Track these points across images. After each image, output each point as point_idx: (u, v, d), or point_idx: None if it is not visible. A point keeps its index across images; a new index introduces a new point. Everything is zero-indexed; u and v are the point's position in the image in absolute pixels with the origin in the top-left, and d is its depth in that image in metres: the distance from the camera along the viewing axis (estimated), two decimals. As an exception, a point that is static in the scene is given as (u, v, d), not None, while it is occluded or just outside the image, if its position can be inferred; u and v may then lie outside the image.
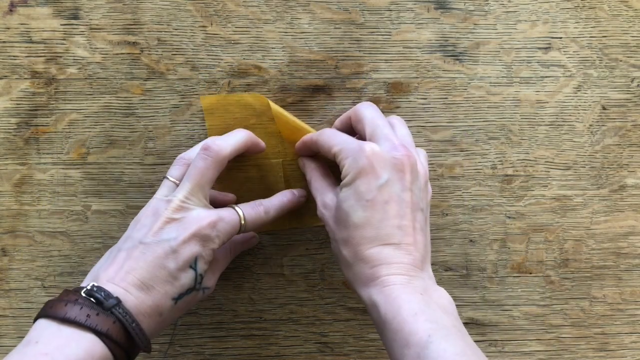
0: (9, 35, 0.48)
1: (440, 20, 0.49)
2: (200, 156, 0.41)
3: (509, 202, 0.49)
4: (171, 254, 0.39)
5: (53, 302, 0.37)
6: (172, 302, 0.39)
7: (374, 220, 0.39)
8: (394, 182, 0.40)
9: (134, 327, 0.37)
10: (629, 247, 0.50)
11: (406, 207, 0.40)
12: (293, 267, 0.49)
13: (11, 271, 0.49)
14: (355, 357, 0.50)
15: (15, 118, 0.48)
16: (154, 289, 0.39)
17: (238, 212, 0.42)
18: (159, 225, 0.40)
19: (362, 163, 0.40)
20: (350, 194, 0.40)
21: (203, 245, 0.40)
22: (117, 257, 0.39)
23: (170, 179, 0.42)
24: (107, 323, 0.36)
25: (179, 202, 0.40)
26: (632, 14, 0.49)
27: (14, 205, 0.48)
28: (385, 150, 0.40)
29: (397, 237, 0.39)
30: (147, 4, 0.48)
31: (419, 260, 0.39)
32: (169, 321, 0.41)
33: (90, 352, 0.35)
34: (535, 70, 0.49)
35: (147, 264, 0.39)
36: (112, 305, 0.37)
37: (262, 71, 0.48)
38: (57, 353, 0.35)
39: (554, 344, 0.50)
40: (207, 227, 0.40)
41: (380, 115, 0.43)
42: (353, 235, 0.40)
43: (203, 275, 0.41)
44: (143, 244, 0.39)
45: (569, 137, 0.49)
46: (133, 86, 0.48)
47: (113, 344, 0.36)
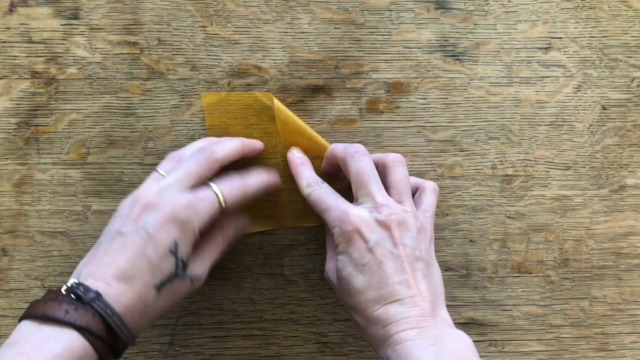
0: (9, 35, 0.48)
1: (440, 20, 0.49)
2: (195, 154, 0.42)
3: (509, 202, 0.49)
4: (149, 240, 0.38)
5: (36, 302, 0.37)
6: (155, 290, 0.39)
7: (373, 282, 0.40)
8: (383, 241, 0.40)
9: (115, 320, 0.36)
10: (629, 247, 0.50)
11: (402, 262, 0.40)
12: (293, 267, 0.49)
13: (11, 271, 0.49)
14: (355, 357, 0.50)
15: (15, 118, 0.48)
16: (135, 278, 0.38)
17: (215, 191, 0.41)
18: (136, 213, 0.39)
19: (349, 230, 0.40)
20: (345, 261, 0.41)
21: (182, 229, 0.39)
22: (97, 252, 0.39)
23: (160, 171, 0.42)
24: (86, 317, 0.36)
25: (160, 187, 0.40)
26: (632, 14, 0.49)
27: (14, 205, 0.48)
28: (368, 213, 0.41)
29: (400, 293, 0.39)
30: (147, 4, 0.48)
31: (428, 309, 0.39)
32: (154, 313, 0.40)
33: (69, 347, 0.35)
34: (535, 70, 0.49)
35: (127, 254, 0.38)
36: (90, 298, 0.36)
37: (262, 71, 0.48)
38: (34, 352, 0.34)
39: (554, 344, 0.50)
40: (182, 208, 0.39)
41: (365, 167, 0.42)
42: (359, 301, 0.40)
43: (185, 261, 0.40)
44: (121, 234, 0.39)
45: (569, 137, 0.49)
46: (133, 86, 0.48)
47: (94, 338, 0.36)
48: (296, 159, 0.46)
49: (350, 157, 0.43)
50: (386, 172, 0.43)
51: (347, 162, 0.43)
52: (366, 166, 0.42)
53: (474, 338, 0.40)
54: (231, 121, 0.47)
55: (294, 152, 0.46)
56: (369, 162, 0.43)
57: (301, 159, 0.46)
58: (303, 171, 0.45)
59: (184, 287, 0.41)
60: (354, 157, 0.43)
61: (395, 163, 0.44)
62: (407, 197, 0.42)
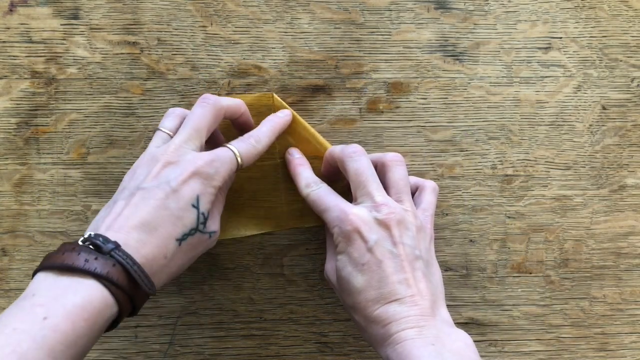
0: (9, 35, 0.48)
1: (440, 20, 0.49)
2: (198, 104, 0.42)
3: (509, 202, 0.49)
4: (172, 194, 0.38)
5: (51, 254, 0.36)
6: (177, 243, 0.39)
7: (373, 281, 0.40)
8: (383, 240, 0.40)
9: (136, 269, 0.36)
10: (629, 247, 0.50)
11: (402, 261, 0.40)
12: (293, 267, 0.49)
13: (11, 271, 0.49)
14: (355, 357, 0.50)
15: (15, 118, 0.48)
16: (157, 230, 0.38)
17: (232, 149, 0.42)
18: (157, 170, 0.39)
19: (348, 230, 0.40)
20: (345, 261, 0.41)
21: (204, 184, 0.40)
22: (114, 207, 0.39)
23: (164, 130, 0.42)
24: (106, 266, 0.35)
25: (176, 145, 0.40)
26: (632, 14, 0.49)
27: (14, 205, 0.48)
28: (368, 212, 0.41)
29: (400, 292, 0.39)
30: (147, 4, 0.48)
31: (428, 308, 0.39)
32: (174, 267, 0.39)
33: (89, 298, 0.34)
34: (535, 70, 0.49)
35: (149, 207, 0.38)
36: (110, 249, 0.36)
37: (262, 71, 0.48)
38: (53, 303, 0.34)
39: (554, 344, 0.50)
40: (205, 165, 0.40)
41: (363, 167, 0.42)
42: (358, 300, 0.40)
43: (206, 215, 0.40)
44: (142, 189, 0.39)
45: (569, 137, 0.49)
46: (133, 86, 0.48)
47: (114, 287, 0.35)
48: (295, 159, 0.46)
49: (348, 157, 0.43)
50: (385, 171, 0.43)
51: (345, 163, 0.43)
52: (364, 166, 0.42)
53: (474, 338, 0.40)
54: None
55: (293, 152, 0.46)
56: (367, 161, 0.43)
57: (299, 160, 0.46)
58: (301, 171, 0.45)
59: (203, 242, 0.41)
60: (351, 157, 0.43)
61: (394, 162, 0.44)
62: (406, 196, 0.42)
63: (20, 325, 0.33)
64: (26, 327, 0.32)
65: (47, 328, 0.33)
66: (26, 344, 0.32)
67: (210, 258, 0.49)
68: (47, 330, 0.33)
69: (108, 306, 0.35)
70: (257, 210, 0.48)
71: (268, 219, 0.48)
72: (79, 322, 0.34)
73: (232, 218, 0.47)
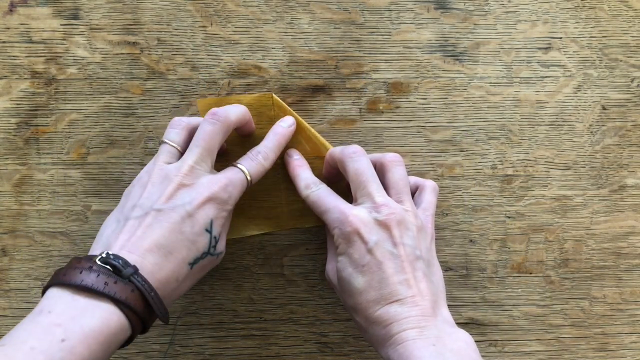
0: (9, 35, 0.48)
1: (440, 20, 0.49)
2: (208, 121, 0.42)
3: (509, 202, 0.49)
4: (187, 218, 0.39)
5: (66, 270, 0.36)
6: (189, 266, 0.39)
7: (374, 282, 0.40)
8: (383, 241, 0.40)
9: (153, 295, 0.36)
10: (629, 247, 0.50)
11: (402, 262, 0.40)
12: (293, 267, 0.49)
13: (11, 271, 0.49)
14: (355, 357, 0.50)
15: (15, 118, 0.48)
16: (172, 254, 0.38)
17: (242, 170, 0.42)
18: (170, 191, 0.39)
19: (348, 231, 0.40)
20: (345, 262, 0.41)
21: (218, 209, 0.40)
22: (126, 225, 0.38)
23: (171, 143, 0.42)
24: (125, 291, 0.35)
25: (189, 167, 0.40)
26: (632, 14, 0.49)
27: (14, 205, 0.48)
28: (368, 213, 0.41)
29: (400, 292, 0.39)
30: (147, 4, 0.48)
31: (429, 308, 0.39)
32: (184, 288, 0.40)
33: (107, 322, 0.34)
34: (535, 70, 0.49)
35: (164, 230, 0.38)
36: (130, 273, 0.36)
37: (262, 71, 0.48)
38: (72, 324, 0.34)
39: (554, 344, 0.50)
40: (220, 190, 0.40)
41: (363, 167, 0.43)
42: (359, 301, 0.40)
43: (217, 238, 0.41)
44: (156, 211, 0.39)
45: (569, 137, 0.49)
46: (133, 86, 0.48)
47: (131, 313, 0.35)
48: (293, 160, 0.46)
49: (348, 158, 0.43)
50: (384, 171, 0.43)
51: (345, 163, 0.43)
52: (364, 166, 0.42)
53: (474, 338, 0.40)
54: (231, 121, 0.47)
55: (291, 153, 0.46)
56: (367, 162, 0.43)
57: (298, 161, 0.46)
58: (301, 173, 0.45)
59: (212, 263, 0.41)
60: (351, 157, 0.43)
61: (393, 162, 0.43)
62: (406, 196, 0.42)
63: (38, 345, 0.32)
64: (44, 347, 0.32)
65: (64, 350, 0.33)
66: None
67: (210, 258, 0.49)
68: (65, 352, 0.33)
69: (123, 330, 0.36)
70: (257, 210, 0.48)
71: (268, 219, 0.48)
72: (95, 345, 0.34)
73: (233, 219, 0.47)
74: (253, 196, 0.47)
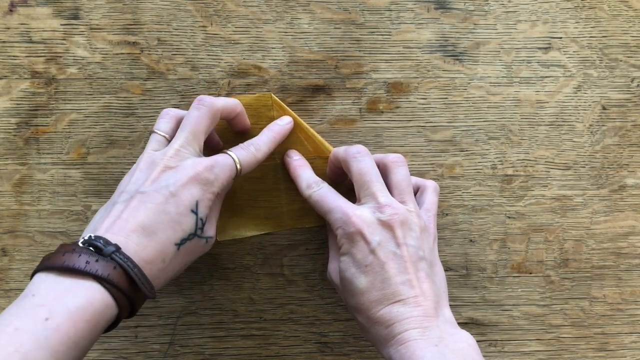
0: (9, 35, 0.48)
1: (440, 20, 0.48)
2: (194, 107, 0.42)
3: (509, 202, 0.49)
4: (171, 198, 0.39)
5: (50, 255, 0.36)
6: (175, 247, 0.39)
7: (376, 282, 0.40)
8: (386, 242, 0.40)
9: (136, 272, 0.36)
10: (629, 247, 0.50)
11: (405, 262, 0.40)
12: (293, 267, 0.49)
13: (11, 271, 0.49)
14: (355, 357, 0.50)
15: (15, 118, 0.48)
16: (156, 234, 0.38)
17: (232, 156, 0.42)
18: (156, 174, 0.39)
19: (352, 232, 0.40)
20: (348, 262, 0.41)
21: (203, 189, 0.40)
22: (113, 210, 0.39)
23: (160, 133, 0.42)
24: (107, 268, 0.35)
25: (175, 150, 0.40)
26: (632, 14, 0.49)
27: (14, 205, 0.48)
28: (371, 213, 0.41)
29: (403, 293, 0.39)
30: (147, 4, 0.48)
31: (431, 308, 0.39)
32: (171, 270, 0.40)
33: (91, 299, 0.34)
34: (535, 70, 0.49)
35: (148, 211, 0.38)
36: (111, 251, 0.36)
37: (262, 71, 0.48)
38: (55, 303, 0.34)
39: (554, 344, 0.50)
40: (204, 170, 0.40)
41: (367, 167, 0.42)
42: (362, 301, 0.40)
43: (204, 220, 0.40)
44: (140, 193, 0.39)
45: (569, 137, 0.49)
46: (133, 86, 0.48)
47: (115, 290, 0.35)
48: (294, 161, 0.46)
49: (352, 158, 0.43)
50: (387, 172, 0.43)
51: (349, 163, 0.43)
52: (368, 166, 0.42)
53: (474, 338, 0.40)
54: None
55: (291, 154, 0.46)
56: (371, 162, 0.43)
57: (299, 161, 0.46)
58: (302, 173, 0.45)
59: (200, 247, 0.41)
60: (355, 157, 0.43)
61: (396, 163, 0.43)
62: (409, 196, 0.42)
63: (22, 325, 0.33)
64: (28, 327, 0.32)
65: (49, 329, 0.33)
66: (29, 344, 0.32)
67: (210, 258, 0.49)
68: (50, 331, 0.33)
69: (108, 308, 0.35)
70: (257, 210, 0.48)
71: (268, 219, 0.48)
72: (80, 323, 0.34)
73: (233, 219, 0.47)
74: (253, 196, 0.47)
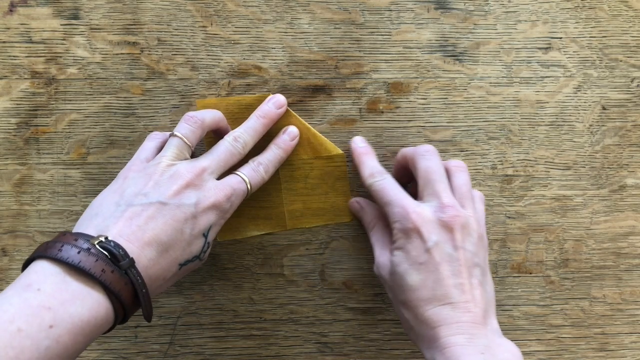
0: (9, 35, 0.48)
1: (440, 20, 0.48)
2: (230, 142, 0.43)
3: (509, 202, 0.49)
4: (191, 219, 0.39)
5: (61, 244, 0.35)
6: (178, 267, 0.39)
7: (428, 281, 0.39)
8: (444, 243, 0.40)
9: (144, 292, 0.36)
10: (629, 247, 0.50)
11: (460, 266, 0.39)
12: (293, 267, 0.49)
13: (11, 271, 0.49)
14: (355, 357, 0.50)
15: (15, 118, 0.48)
16: (168, 252, 0.38)
17: (245, 181, 0.43)
18: (178, 187, 0.39)
19: (409, 228, 0.40)
20: (402, 257, 0.40)
21: (218, 216, 0.41)
22: (127, 211, 0.38)
23: (185, 140, 0.42)
24: (120, 283, 0.35)
25: (201, 169, 0.40)
26: (632, 14, 0.49)
27: (14, 205, 0.48)
28: (432, 212, 0.40)
29: (454, 296, 0.39)
30: (147, 4, 0.48)
31: (480, 316, 0.39)
32: (164, 288, 0.40)
33: (95, 314, 0.34)
34: (535, 70, 0.49)
35: (167, 225, 0.38)
36: (128, 265, 0.35)
37: (262, 71, 0.48)
38: (62, 310, 0.33)
39: (554, 344, 0.50)
40: (224, 200, 0.41)
41: (435, 166, 0.42)
42: (411, 298, 0.40)
43: (210, 244, 0.41)
44: (161, 204, 0.38)
45: (569, 137, 0.49)
46: (133, 86, 0.48)
47: (120, 306, 0.35)
48: (359, 148, 0.46)
49: (421, 156, 0.43)
50: (449, 176, 0.43)
51: (417, 160, 0.43)
52: (436, 165, 0.42)
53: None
54: (231, 122, 0.47)
55: (357, 140, 0.46)
56: (438, 162, 0.43)
57: (364, 149, 0.46)
58: (366, 160, 0.45)
59: (195, 266, 0.41)
60: (424, 155, 0.43)
61: (458, 168, 0.43)
62: (469, 202, 0.42)
63: (25, 327, 0.32)
64: (32, 331, 0.32)
65: (51, 338, 0.32)
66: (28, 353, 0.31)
67: (211, 258, 0.49)
68: (51, 340, 0.32)
69: (108, 322, 0.35)
70: (257, 210, 0.48)
71: (268, 219, 0.48)
72: (80, 336, 0.33)
73: (233, 219, 0.47)
74: (253, 196, 0.47)
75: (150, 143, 0.44)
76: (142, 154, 0.42)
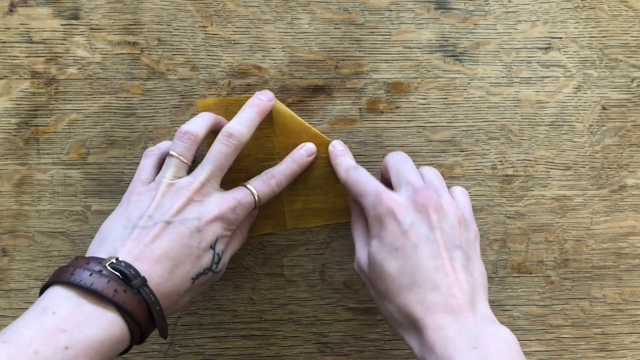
0: (9, 35, 0.48)
1: (440, 20, 0.48)
2: (223, 142, 0.42)
3: (509, 202, 0.49)
4: (196, 233, 0.39)
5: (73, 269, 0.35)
6: (191, 281, 0.39)
7: (408, 267, 0.37)
8: (419, 224, 0.38)
9: (158, 310, 0.36)
10: (629, 247, 0.50)
11: (439, 247, 0.38)
12: (293, 267, 0.49)
13: (11, 271, 0.49)
14: (355, 357, 0.50)
15: (15, 118, 0.48)
16: (178, 267, 0.38)
17: (252, 192, 0.43)
18: (180, 205, 0.40)
19: (383, 213, 0.39)
20: (379, 246, 0.39)
21: (224, 228, 0.41)
22: (134, 233, 0.38)
23: (182, 159, 0.42)
24: (133, 302, 0.35)
25: (200, 183, 0.41)
26: (632, 14, 0.49)
27: (14, 205, 0.48)
28: (405, 196, 0.40)
29: (435, 279, 0.37)
30: (147, 4, 0.48)
31: (466, 302, 0.37)
32: (181, 304, 0.40)
33: (110, 334, 0.34)
34: (535, 70, 0.49)
35: (173, 242, 0.38)
36: (140, 284, 0.36)
37: (262, 71, 0.48)
38: (76, 331, 0.33)
39: (554, 344, 0.50)
40: (228, 210, 0.41)
41: (405, 160, 0.43)
42: (391, 287, 0.38)
43: (220, 255, 0.41)
44: (166, 223, 0.39)
45: (569, 137, 0.49)
46: (133, 86, 0.48)
47: (135, 325, 0.35)
48: (336, 151, 0.46)
49: (390, 155, 0.44)
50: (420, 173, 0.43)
51: (387, 158, 0.44)
52: (405, 158, 0.43)
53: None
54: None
55: (335, 144, 0.46)
56: (408, 157, 0.43)
57: (342, 151, 0.46)
58: (342, 160, 0.45)
59: (211, 279, 0.42)
60: (393, 155, 0.44)
61: (428, 168, 0.44)
62: (444, 193, 0.42)
63: (42, 349, 0.32)
64: (47, 354, 0.32)
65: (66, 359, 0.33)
66: None
67: (210, 258, 0.49)
68: None
69: (124, 342, 0.36)
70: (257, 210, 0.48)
71: (268, 219, 0.48)
72: (95, 357, 0.34)
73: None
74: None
75: (148, 161, 0.44)
76: (141, 175, 0.43)
